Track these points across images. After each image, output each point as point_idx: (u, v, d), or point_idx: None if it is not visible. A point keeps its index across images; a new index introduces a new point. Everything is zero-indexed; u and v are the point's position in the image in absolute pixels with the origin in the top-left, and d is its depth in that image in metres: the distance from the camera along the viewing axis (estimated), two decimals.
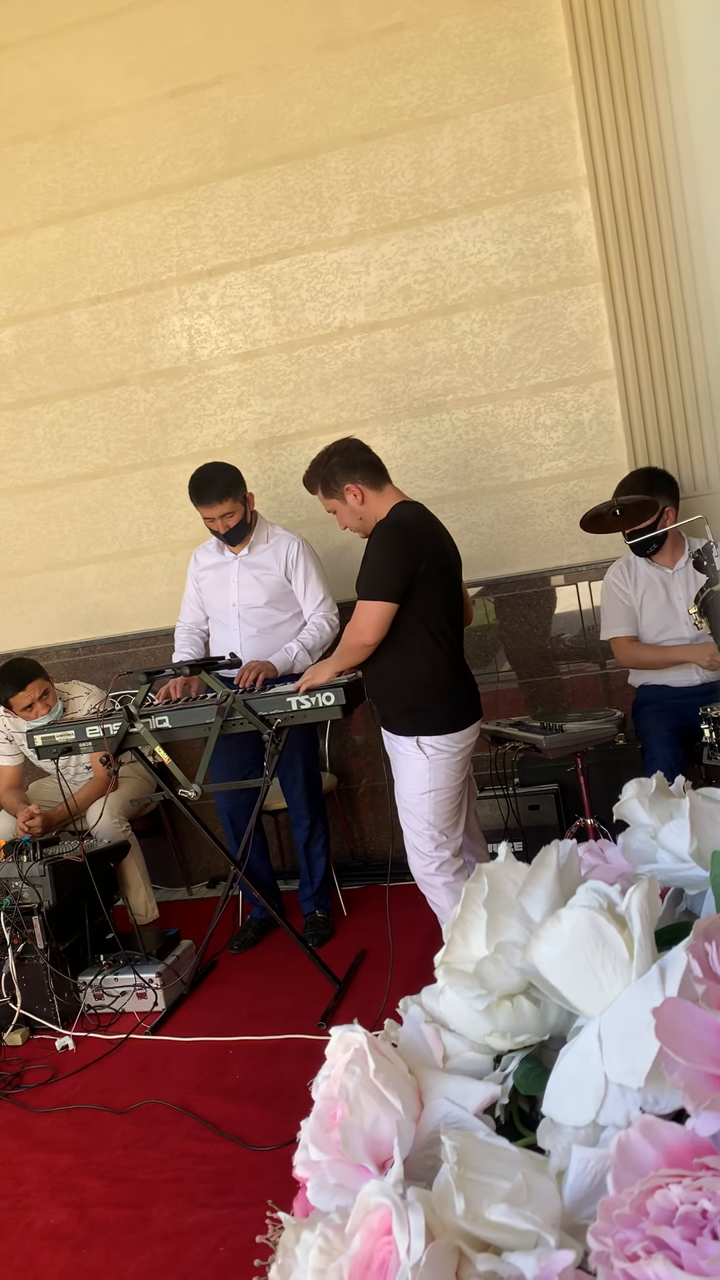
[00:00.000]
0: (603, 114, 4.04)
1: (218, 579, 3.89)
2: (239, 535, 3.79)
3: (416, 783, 3.02)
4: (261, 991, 3.54)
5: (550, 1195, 0.52)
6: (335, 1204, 0.59)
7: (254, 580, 3.82)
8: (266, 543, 3.85)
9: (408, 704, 3.00)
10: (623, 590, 3.74)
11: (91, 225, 4.70)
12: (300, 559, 3.83)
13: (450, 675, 3.03)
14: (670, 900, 0.70)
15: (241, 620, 3.84)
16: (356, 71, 4.34)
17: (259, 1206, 0.63)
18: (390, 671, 3.02)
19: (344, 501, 3.05)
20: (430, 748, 2.98)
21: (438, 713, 3.00)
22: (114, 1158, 2.66)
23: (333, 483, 3.05)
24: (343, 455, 3.06)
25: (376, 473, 3.07)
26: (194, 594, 4.00)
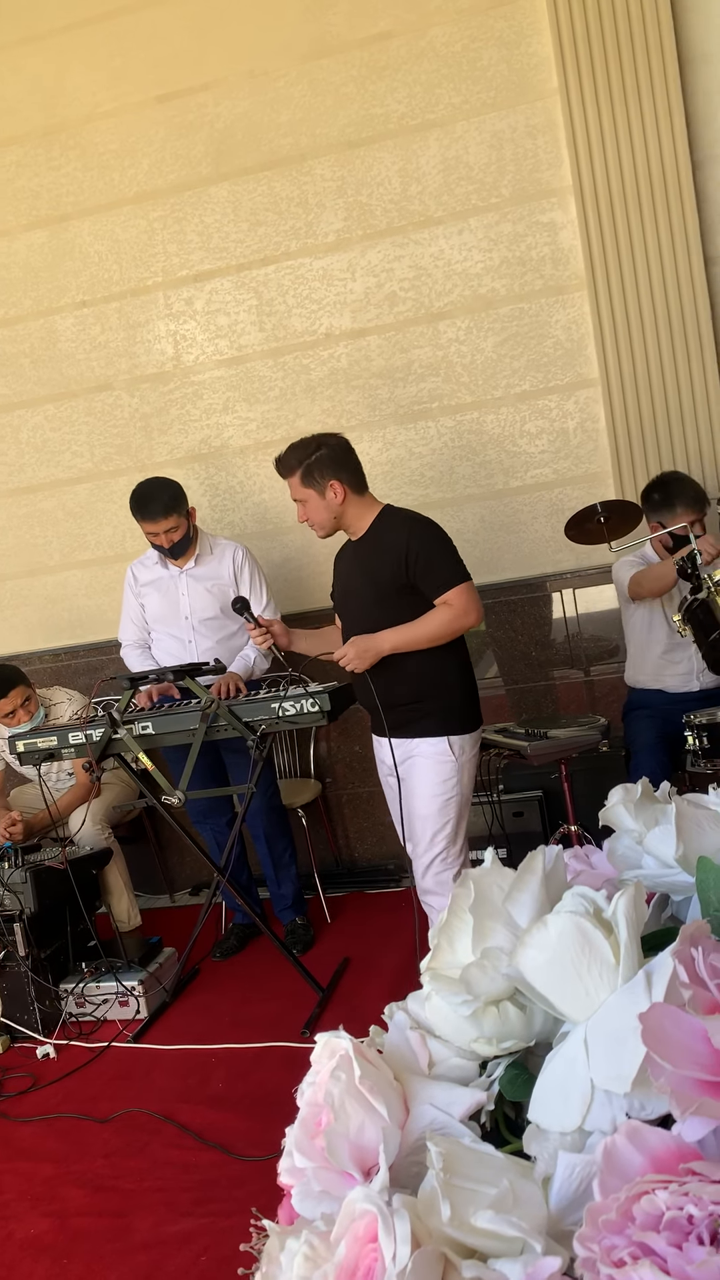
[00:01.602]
0: (588, 123, 4.06)
1: (164, 594, 3.86)
2: (182, 549, 3.78)
3: (441, 788, 2.94)
4: (244, 999, 3.53)
5: (536, 1201, 0.52)
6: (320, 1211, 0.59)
7: (204, 591, 3.82)
8: (211, 553, 3.86)
9: (441, 702, 2.93)
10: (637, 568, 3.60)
11: (77, 230, 4.70)
12: (245, 565, 3.86)
13: (470, 672, 3.04)
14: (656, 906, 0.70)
15: (197, 632, 3.82)
16: (343, 79, 4.35)
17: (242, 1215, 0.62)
18: (420, 670, 2.91)
19: (321, 496, 2.94)
20: (458, 747, 2.94)
21: (468, 710, 2.99)
22: (95, 1167, 2.64)
23: (316, 473, 2.93)
24: (333, 450, 2.96)
25: (360, 478, 3.01)
26: (137, 610, 3.93)
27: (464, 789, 2.98)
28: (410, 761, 3.00)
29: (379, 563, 2.93)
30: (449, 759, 2.94)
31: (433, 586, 2.88)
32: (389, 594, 2.92)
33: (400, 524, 2.95)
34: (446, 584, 2.87)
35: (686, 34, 4.03)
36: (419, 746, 2.97)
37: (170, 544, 3.73)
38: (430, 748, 2.95)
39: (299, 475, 2.96)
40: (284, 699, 3.19)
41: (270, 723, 3.22)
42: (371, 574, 2.96)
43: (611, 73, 4.02)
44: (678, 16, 4.00)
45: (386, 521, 2.98)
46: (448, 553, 2.91)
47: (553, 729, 3.57)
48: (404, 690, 2.94)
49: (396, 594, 2.91)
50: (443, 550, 2.90)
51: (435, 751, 2.94)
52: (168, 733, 3.34)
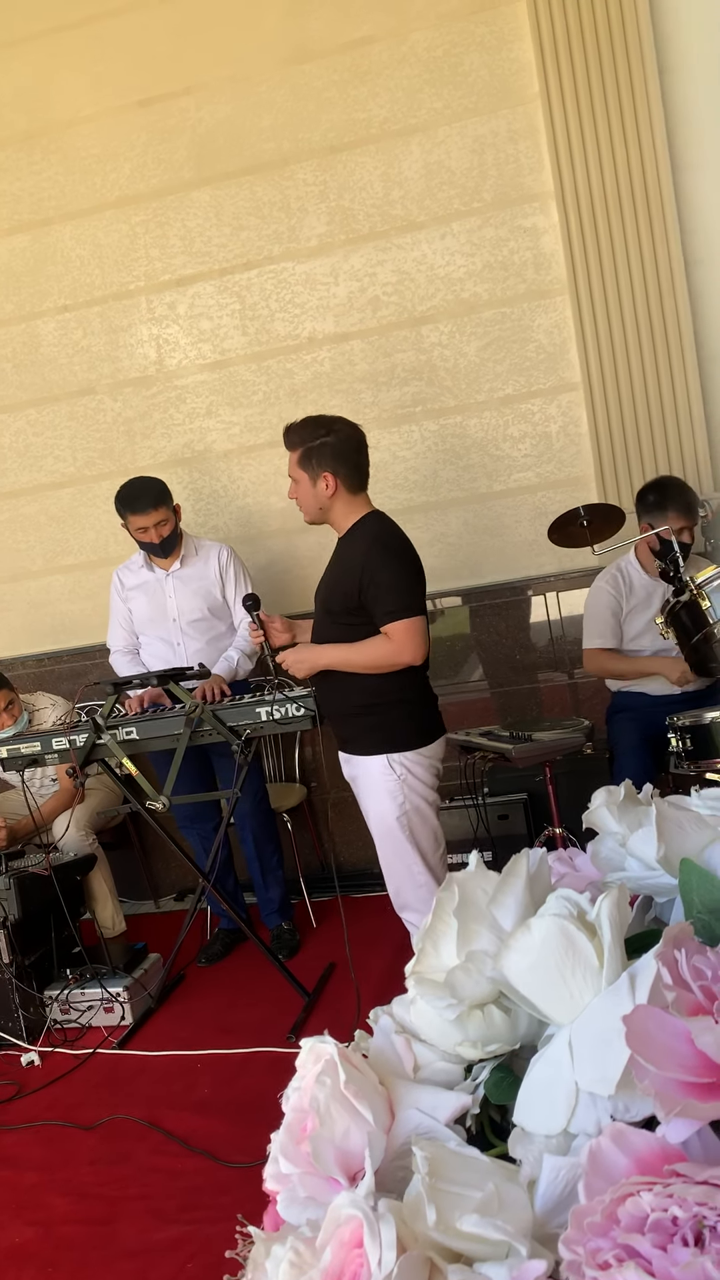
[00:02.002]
0: (569, 129, 4.08)
1: (151, 597, 3.86)
2: (171, 545, 3.79)
3: (387, 807, 2.83)
4: (230, 1004, 3.52)
5: (522, 1204, 0.52)
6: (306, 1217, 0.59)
7: (191, 593, 3.82)
8: (196, 554, 3.87)
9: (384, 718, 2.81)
10: (616, 600, 3.68)
11: (59, 234, 4.68)
12: (230, 564, 3.87)
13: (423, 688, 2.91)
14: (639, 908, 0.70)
15: (185, 634, 3.82)
16: (325, 84, 4.36)
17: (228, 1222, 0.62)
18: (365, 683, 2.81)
19: (312, 484, 2.84)
20: (400, 766, 2.81)
21: (415, 727, 2.85)
22: (80, 1174, 2.62)
23: (315, 459, 2.82)
24: (340, 442, 2.84)
25: (360, 478, 2.89)
26: (125, 615, 3.93)
27: (415, 807, 2.83)
28: (358, 781, 2.92)
29: (341, 572, 2.85)
30: (391, 777, 2.81)
31: (379, 614, 2.75)
32: (338, 607, 2.83)
33: (366, 542, 2.81)
34: (389, 615, 2.73)
35: (665, 41, 4.06)
36: (362, 764, 2.87)
37: (160, 539, 3.73)
38: (372, 766, 2.84)
39: (299, 454, 2.86)
40: (269, 703, 3.18)
41: (255, 727, 3.21)
42: (333, 581, 2.88)
43: (592, 78, 4.04)
44: (657, 24, 4.03)
45: (360, 531, 2.86)
46: (402, 583, 2.75)
47: (537, 731, 3.58)
48: (350, 702, 2.86)
49: (344, 609, 2.81)
50: (398, 579, 2.75)
51: (377, 770, 2.83)
52: (152, 738, 3.33)
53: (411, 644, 2.73)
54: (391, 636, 2.74)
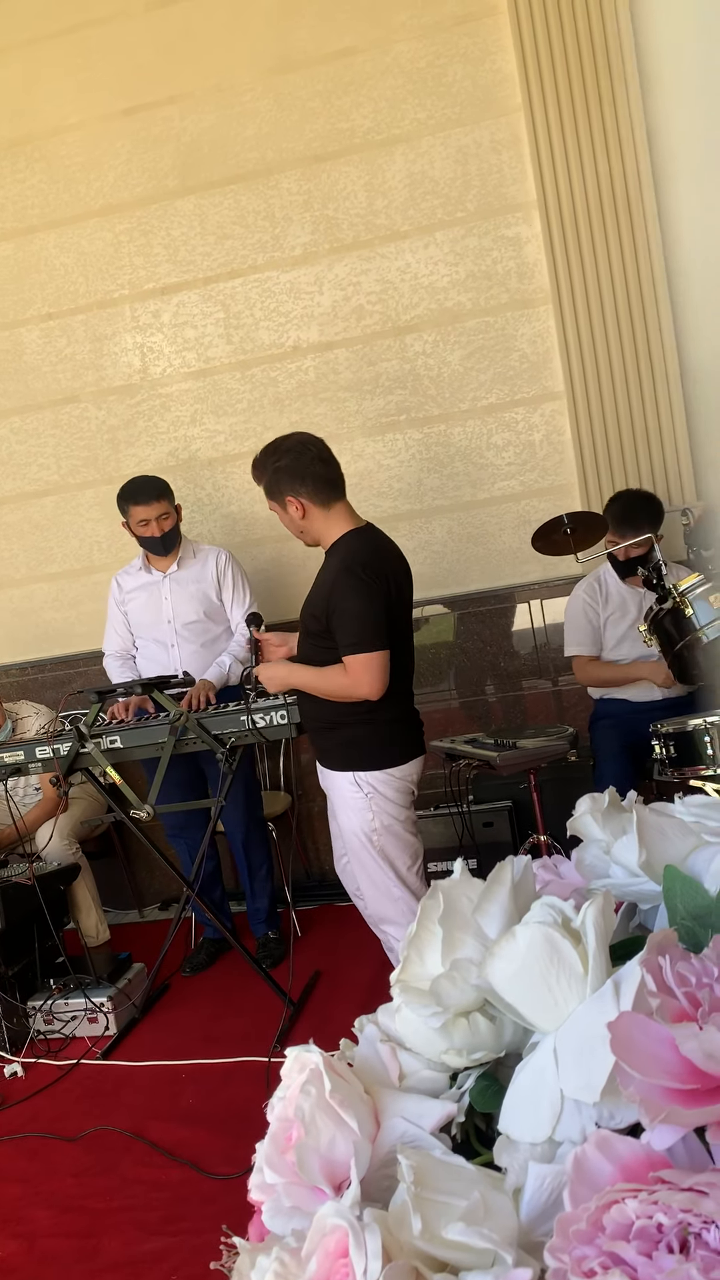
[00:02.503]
0: (551, 140, 4.11)
1: (148, 599, 3.87)
2: (173, 541, 3.80)
3: (355, 823, 2.80)
4: (215, 1014, 3.50)
5: (507, 1213, 0.52)
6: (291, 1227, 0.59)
7: (187, 596, 3.82)
8: (194, 557, 3.88)
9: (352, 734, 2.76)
10: (592, 608, 3.74)
11: (43, 242, 4.68)
12: (228, 568, 3.88)
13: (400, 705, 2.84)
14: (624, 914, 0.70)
15: (180, 636, 3.82)
16: (309, 94, 4.37)
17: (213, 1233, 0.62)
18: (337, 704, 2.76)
19: (285, 510, 2.79)
20: (367, 784, 2.76)
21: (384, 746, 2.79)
22: (64, 1186, 2.61)
23: (275, 487, 2.77)
24: (292, 460, 2.75)
25: (328, 487, 2.76)
26: (120, 620, 3.93)
27: (384, 824, 2.78)
28: (328, 791, 2.91)
29: (316, 592, 2.80)
30: (358, 794, 2.77)
31: (342, 644, 2.68)
32: (311, 627, 2.79)
33: (339, 562, 2.72)
34: (351, 647, 2.65)
35: (647, 54, 4.09)
36: (332, 778, 2.84)
37: (162, 532, 3.73)
38: (340, 780, 2.81)
39: (264, 486, 2.83)
40: (253, 711, 3.17)
41: (239, 735, 3.20)
42: (310, 601, 2.83)
43: (575, 90, 4.07)
44: (639, 37, 4.06)
45: (337, 551, 2.78)
46: (364, 614, 2.64)
47: (521, 739, 3.59)
48: (316, 718, 2.85)
49: (316, 630, 2.76)
50: (360, 611, 2.64)
51: (345, 784, 2.80)
52: (136, 746, 3.32)
53: (367, 679, 2.65)
54: (349, 669, 2.67)
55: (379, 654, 2.65)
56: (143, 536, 3.77)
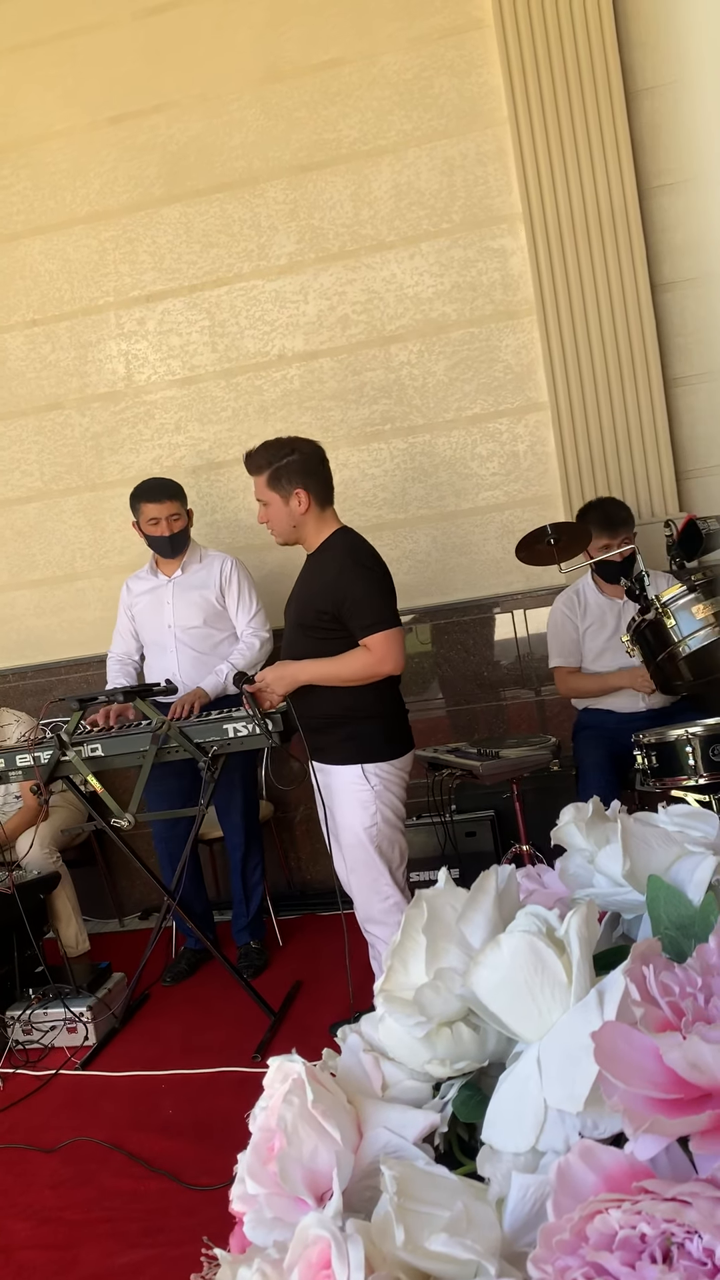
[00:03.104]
0: (537, 152, 4.13)
1: (152, 603, 3.86)
2: (181, 543, 3.78)
3: (359, 817, 2.86)
4: (195, 1024, 3.48)
5: (490, 1223, 0.51)
6: (273, 1238, 0.58)
7: (189, 601, 3.81)
8: (200, 563, 3.86)
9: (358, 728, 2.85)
10: (571, 620, 3.77)
11: (28, 248, 4.67)
12: (234, 575, 3.85)
13: (396, 700, 2.97)
14: (607, 924, 0.70)
15: (179, 642, 3.81)
16: (296, 104, 4.39)
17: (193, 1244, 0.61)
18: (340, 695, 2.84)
19: (285, 503, 2.87)
20: (374, 776, 2.86)
21: (388, 738, 2.90)
22: (42, 1198, 2.58)
23: (284, 477, 2.85)
24: (305, 458, 2.89)
25: (328, 492, 2.94)
26: (126, 624, 3.94)
27: (385, 818, 2.87)
28: (330, 789, 2.94)
29: (315, 588, 2.89)
30: (364, 788, 2.84)
31: (359, 627, 2.80)
32: (313, 621, 2.86)
33: (341, 554, 2.87)
34: (370, 627, 2.78)
35: (632, 67, 4.13)
36: (336, 773, 2.90)
37: (171, 532, 3.73)
38: (347, 775, 2.87)
39: (266, 476, 2.89)
40: (235, 720, 3.17)
41: (222, 744, 3.19)
42: (307, 597, 2.91)
43: (560, 103, 4.10)
44: (624, 50, 4.09)
45: (333, 546, 2.91)
46: (379, 594, 2.82)
47: (504, 748, 3.59)
48: (323, 714, 2.89)
49: (320, 623, 2.84)
50: (375, 591, 2.81)
51: (350, 779, 2.86)
52: (117, 755, 3.30)
53: (392, 654, 2.78)
54: (372, 648, 2.78)
55: (398, 630, 2.82)
56: (151, 535, 3.76)
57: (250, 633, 3.82)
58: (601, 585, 3.77)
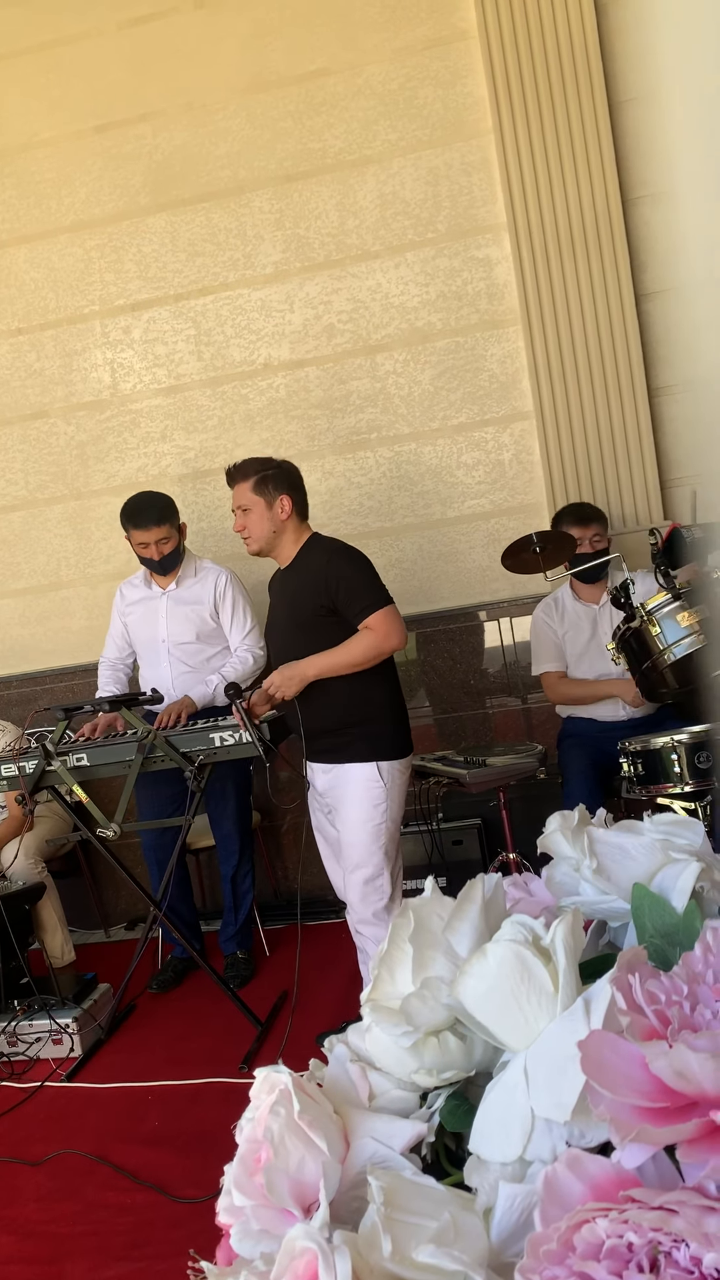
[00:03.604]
0: (521, 163, 4.15)
1: (145, 614, 3.84)
2: (172, 563, 3.75)
3: (370, 814, 2.91)
4: (181, 1035, 3.47)
5: (478, 1233, 0.51)
6: (260, 1251, 0.58)
7: (183, 616, 3.79)
8: (195, 576, 3.83)
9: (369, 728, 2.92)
10: (550, 625, 3.80)
11: (12, 257, 4.67)
12: (229, 590, 3.82)
13: (400, 699, 3.05)
14: (594, 932, 0.70)
15: (172, 656, 3.79)
16: (281, 114, 4.40)
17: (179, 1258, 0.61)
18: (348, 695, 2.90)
19: (269, 508, 2.96)
20: (387, 774, 2.92)
21: (397, 737, 2.97)
22: (26, 1211, 2.56)
23: (271, 485, 2.96)
24: (289, 472, 3.02)
25: (305, 507, 3.07)
26: (120, 629, 3.92)
27: (393, 816, 2.96)
28: (339, 789, 2.98)
29: (301, 589, 2.95)
30: (377, 784, 2.92)
31: (355, 612, 2.88)
32: (309, 619, 2.92)
33: (322, 551, 2.97)
34: (368, 609, 2.87)
35: (616, 77, 4.15)
36: (347, 772, 2.95)
37: (160, 556, 3.69)
38: (359, 773, 2.93)
39: (252, 481, 2.97)
40: (222, 729, 3.16)
41: (208, 753, 3.19)
42: (294, 600, 2.97)
43: (544, 113, 4.12)
44: (607, 60, 4.12)
45: (311, 549, 3.00)
46: (369, 578, 2.92)
47: (491, 757, 3.60)
48: (332, 716, 2.93)
49: (317, 619, 2.91)
50: (363, 576, 2.91)
51: (363, 777, 2.92)
52: (103, 764, 3.29)
53: (395, 629, 2.88)
54: (373, 627, 2.87)
55: (393, 606, 2.91)
56: (142, 557, 3.75)
57: (245, 648, 3.79)
58: (579, 591, 3.80)
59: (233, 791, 3.82)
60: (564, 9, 4.07)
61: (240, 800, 3.88)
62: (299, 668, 2.90)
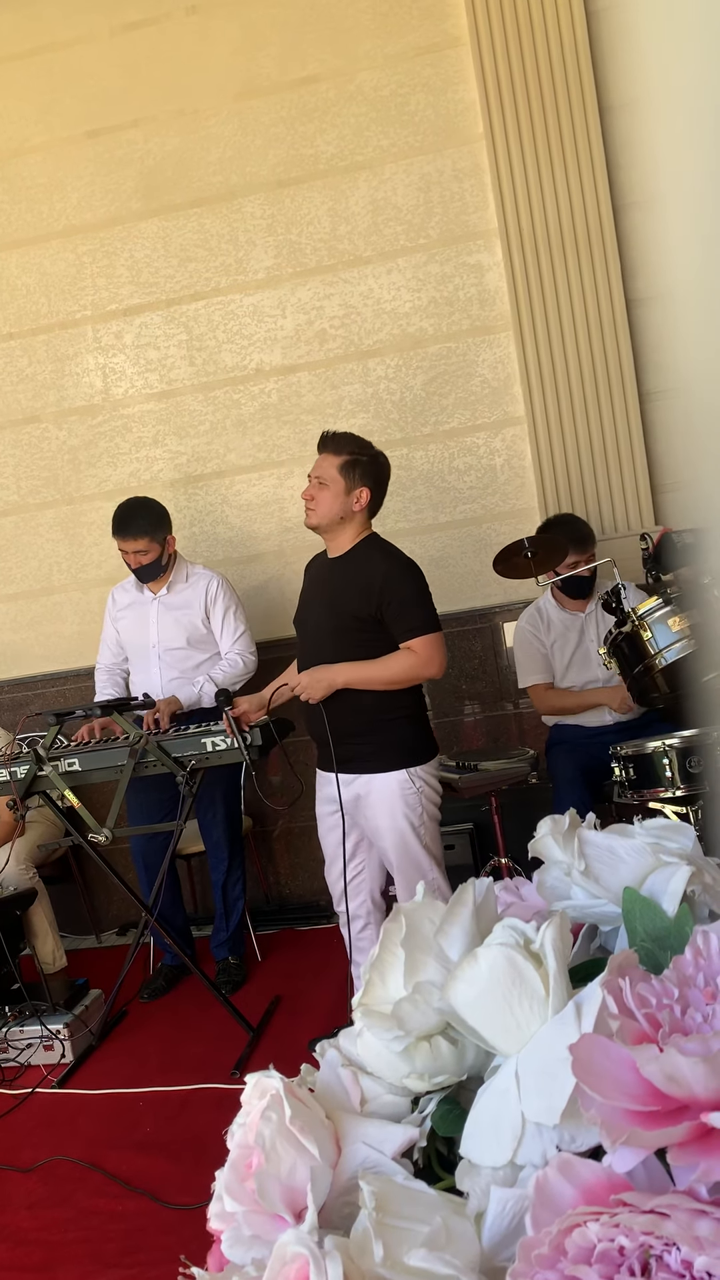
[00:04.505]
0: (513, 169, 4.17)
1: (136, 619, 3.84)
2: (150, 574, 3.77)
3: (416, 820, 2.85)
4: (173, 1041, 3.46)
5: (469, 1238, 0.51)
6: (251, 1256, 0.58)
7: (173, 621, 3.79)
8: (186, 581, 3.84)
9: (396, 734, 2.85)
10: (537, 637, 3.78)
11: (4, 261, 4.66)
12: (219, 595, 3.82)
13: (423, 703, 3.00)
14: (584, 936, 0.70)
15: (162, 661, 3.79)
16: (273, 119, 4.41)
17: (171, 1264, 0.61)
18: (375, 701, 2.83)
19: (346, 493, 2.86)
20: (420, 777, 2.86)
21: (423, 739, 2.93)
22: (17, 1219, 2.55)
23: (359, 472, 2.87)
24: (384, 468, 2.95)
25: (378, 508, 2.99)
26: (113, 634, 3.93)
27: (431, 815, 2.90)
28: (369, 799, 2.88)
29: (349, 591, 2.85)
30: (411, 789, 2.85)
31: (402, 629, 2.81)
32: (349, 625, 2.84)
33: (382, 556, 2.88)
34: (416, 630, 2.80)
35: (606, 83, 4.17)
36: (376, 781, 2.86)
37: (138, 565, 3.71)
38: (392, 780, 2.85)
39: (342, 460, 2.87)
40: (214, 735, 3.16)
41: (200, 758, 3.18)
42: (337, 601, 2.88)
43: (535, 120, 4.14)
44: (598, 66, 4.14)
45: (368, 550, 2.91)
46: (423, 599, 2.85)
47: (482, 761, 3.60)
48: (356, 722, 2.84)
49: (357, 627, 2.83)
50: (419, 595, 2.84)
51: (396, 784, 2.85)
52: (95, 769, 3.29)
53: (437, 657, 2.83)
54: (418, 651, 2.81)
55: (441, 634, 2.85)
56: (125, 562, 3.77)
57: (235, 652, 3.80)
58: (562, 600, 3.80)
59: (221, 798, 3.82)
60: (555, 16, 4.09)
61: (229, 808, 3.87)
62: (329, 673, 2.82)
